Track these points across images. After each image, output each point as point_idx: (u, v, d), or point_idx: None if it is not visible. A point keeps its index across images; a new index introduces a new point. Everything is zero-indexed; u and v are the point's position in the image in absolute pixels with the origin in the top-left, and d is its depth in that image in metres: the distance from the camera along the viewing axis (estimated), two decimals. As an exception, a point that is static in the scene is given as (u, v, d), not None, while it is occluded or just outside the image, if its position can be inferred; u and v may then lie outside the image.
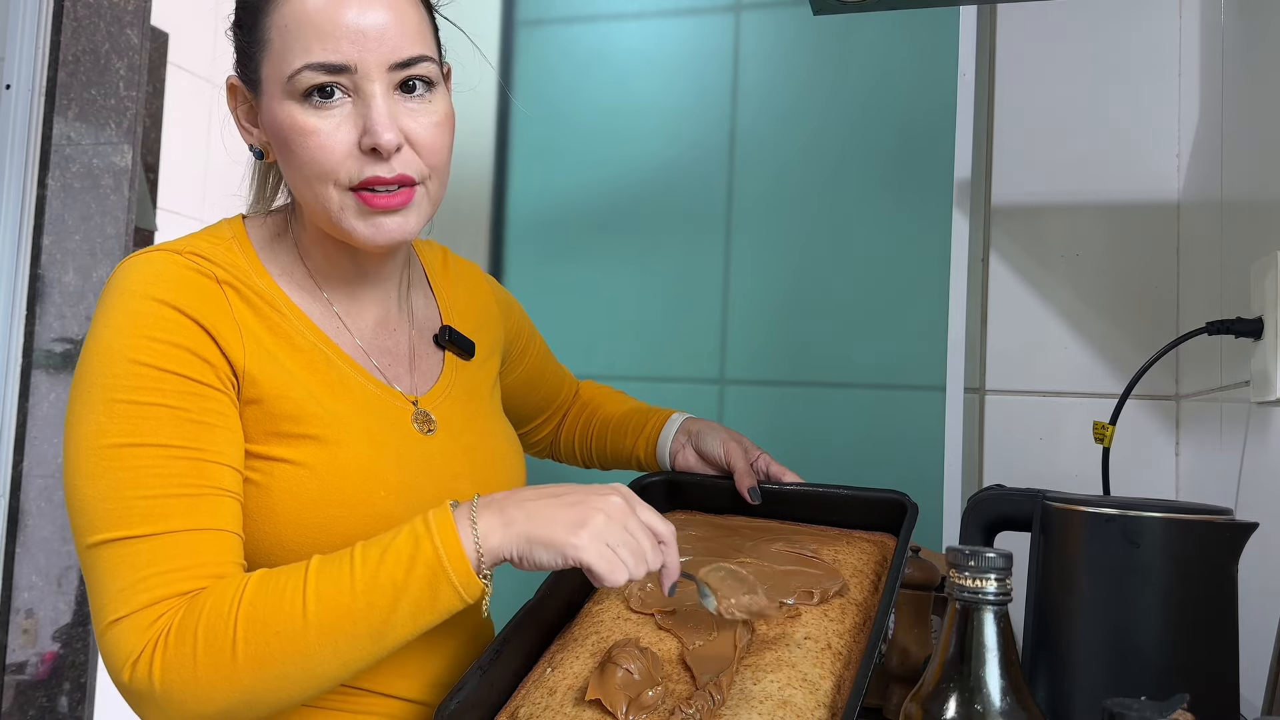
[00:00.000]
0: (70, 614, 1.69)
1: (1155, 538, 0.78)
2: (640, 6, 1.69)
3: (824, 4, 1.11)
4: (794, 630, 0.76)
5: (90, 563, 0.73)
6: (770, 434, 1.58)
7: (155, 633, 0.70)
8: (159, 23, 2.23)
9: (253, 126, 0.85)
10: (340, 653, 0.70)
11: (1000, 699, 0.56)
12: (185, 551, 0.73)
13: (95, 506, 0.73)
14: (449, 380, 0.94)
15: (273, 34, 0.79)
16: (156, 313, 0.76)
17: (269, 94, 0.80)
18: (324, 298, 0.88)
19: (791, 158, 1.61)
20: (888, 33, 1.56)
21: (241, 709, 0.70)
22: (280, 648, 0.69)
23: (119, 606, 0.71)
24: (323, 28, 0.77)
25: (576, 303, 1.67)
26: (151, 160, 2.22)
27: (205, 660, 0.69)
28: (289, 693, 0.70)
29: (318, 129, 0.78)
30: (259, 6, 0.81)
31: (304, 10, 0.77)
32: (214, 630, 0.69)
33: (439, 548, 0.70)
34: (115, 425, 0.73)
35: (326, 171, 0.78)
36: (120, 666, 0.70)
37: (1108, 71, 1.47)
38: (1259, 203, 1.03)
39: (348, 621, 0.69)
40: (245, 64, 0.83)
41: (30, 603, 1.63)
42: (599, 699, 0.69)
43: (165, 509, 0.73)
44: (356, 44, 0.77)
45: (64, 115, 1.67)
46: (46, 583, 1.66)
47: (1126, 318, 1.44)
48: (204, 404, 0.76)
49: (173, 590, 0.72)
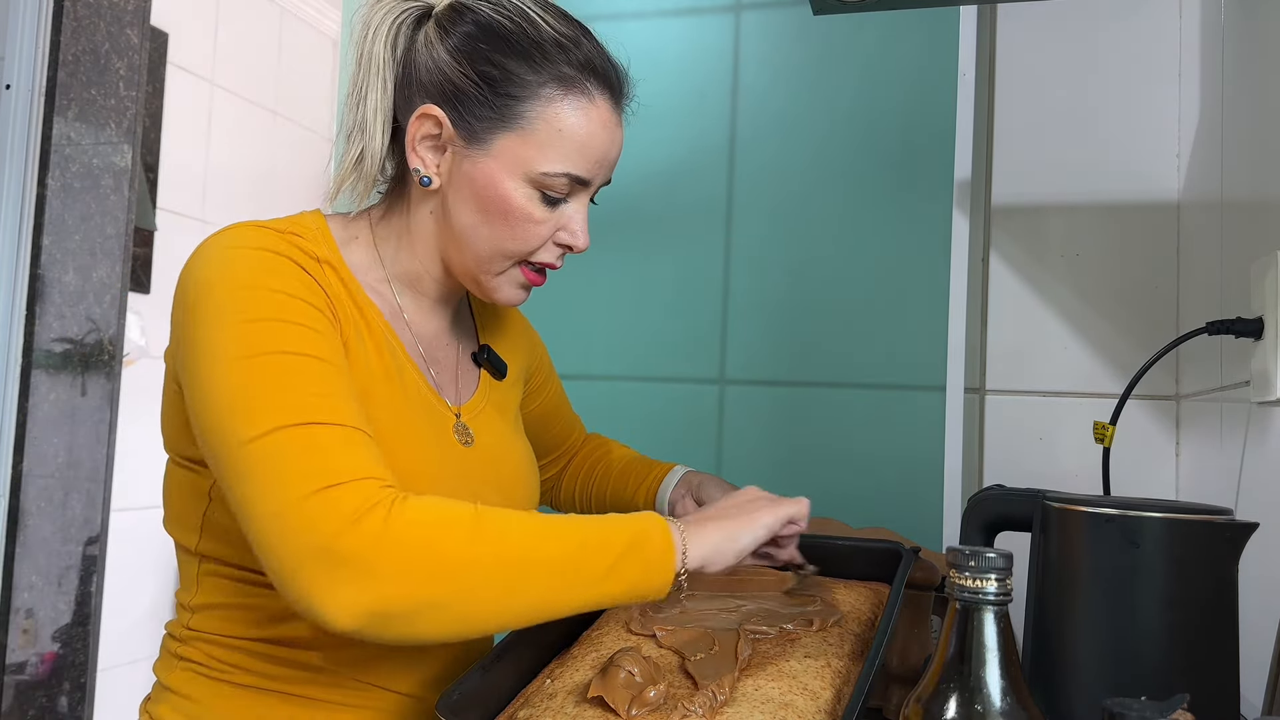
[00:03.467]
0: (70, 614, 1.69)
1: (1155, 538, 0.78)
2: (640, 6, 1.69)
3: (824, 4, 1.11)
4: (794, 650, 0.77)
5: (262, 451, 0.69)
6: (770, 434, 1.58)
7: (389, 497, 0.69)
8: (159, 23, 2.23)
9: (434, 159, 0.86)
10: (560, 584, 0.71)
11: (1000, 699, 0.56)
12: (368, 445, 0.72)
13: (258, 403, 0.70)
14: (484, 396, 0.97)
15: (539, 123, 0.83)
16: (276, 261, 0.78)
17: (500, 162, 0.83)
18: (396, 301, 0.91)
19: (791, 157, 1.61)
20: (888, 33, 1.56)
21: (432, 610, 0.68)
22: (517, 557, 0.70)
23: (329, 474, 0.68)
24: (591, 149, 0.85)
25: (576, 303, 1.67)
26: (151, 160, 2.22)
27: (440, 542, 0.68)
28: (487, 613, 0.70)
29: (542, 221, 0.85)
30: (528, 85, 0.82)
31: (583, 124, 0.84)
32: (455, 517, 0.70)
33: (653, 531, 0.76)
34: (260, 339, 0.73)
35: (524, 252, 0.86)
36: (338, 526, 0.66)
37: (1108, 71, 1.47)
38: (1259, 203, 1.03)
39: (576, 558, 0.72)
40: (473, 115, 0.83)
41: (30, 603, 1.63)
42: (601, 696, 0.69)
43: (334, 407, 0.72)
44: (602, 170, 0.87)
45: (64, 115, 1.67)
46: (46, 583, 1.66)
47: (1126, 318, 1.44)
48: (335, 336, 0.78)
49: (383, 474, 0.71)
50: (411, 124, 0.85)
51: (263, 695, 0.83)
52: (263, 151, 2.57)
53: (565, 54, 0.83)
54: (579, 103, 0.83)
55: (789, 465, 1.56)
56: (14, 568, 1.61)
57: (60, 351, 1.67)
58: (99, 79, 1.73)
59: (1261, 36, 1.05)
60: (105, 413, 1.74)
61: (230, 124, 2.47)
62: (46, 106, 1.66)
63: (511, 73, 0.82)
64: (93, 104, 1.72)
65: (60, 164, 1.67)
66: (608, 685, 0.69)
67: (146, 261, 2.22)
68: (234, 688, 0.83)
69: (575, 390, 1.27)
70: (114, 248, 1.76)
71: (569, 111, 0.83)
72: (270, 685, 0.83)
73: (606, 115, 0.86)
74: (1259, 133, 1.04)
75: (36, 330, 1.64)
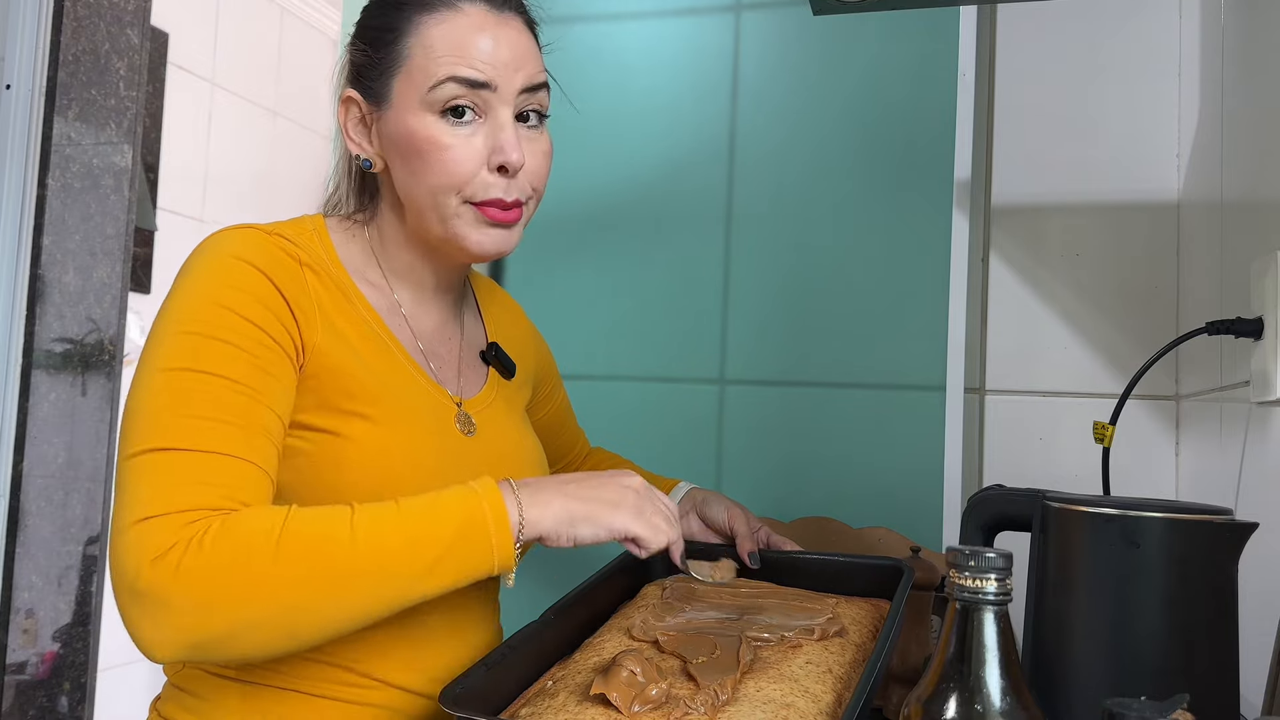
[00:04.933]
0: (70, 614, 1.70)
1: (1155, 538, 0.78)
2: (640, 6, 1.69)
3: (824, 4, 1.11)
4: (795, 657, 0.78)
5: (127, 471, 0.73)
6: (770, 434, 1.58)
7: (189, 534, 0.70)
8: (159, 23, 2.23)
9: (364, 139, 0.90)
10: (376, 589, 0.72)
11: (1000, 699, 0.56)
12: (226, 472, 0.74)
13: (145, 421, 0.74)
14: (491, 392, 0.99)
15: (416, 50, 0.85)
16: (243, 270, 0.81)
17: (400, 106, 0.86)
18: (393, 297, 0.93)
19: (791, 158, 1.61)
20: (888, 33, 1.56)
21: (250, 630, 0.70)
22: (323, 571, 0.70)
23: (150, 506, 0.71)
24: (467, 48, 0.85)
25: (576, 303, 1.67)
26: (151, 160, 2.22)
27: (240, 569, 0.69)
28: (309, 625, 0.71)
29: (452, 144, 0.85)
30: (399, 26, 0.87)
31: (450, 30, 0.85)
32: (255, 542, 0.70)
33: (486, 512, 0.75)
34: (183, 353, 0.76)
35: (455, 183, 0.85)
36: (139, 563, 0.69)
37: (1108, 71, 1.47)
38: (1259, 203, 1.03)
39: (392, 561, 0.72)
40: (371, 78, 0.89)
41: (30, 603, 1.63)
42: (603, 693, 0.69)
43: (213, 431, 0.74)
44: (495, 66, 0.85)
45: (64, 115, 1.67)
46: (46, 583, 1.66)
47: (1126, 318, 1.44)
48: (269, 355, 0.79)
49: (209, 503, 0.72)
50: (339, 116, 0.91)
51: (269, 692, 0.84)
52: (263, 151, 2.57)
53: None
54: (443, 15, 0.86)
55: (789, 465, 1.56)
56: (14, 568, 1.61)
57: (60, 351, 1.67)
58: (99, 79, 1.73)
59: (1262, 36, 1.05)
60: (105, 413, 1.74)
61: (230, 124, 2.47)
62: (47, 106, 1.66)
63: (385, 23, 0.88)
64: (93, 104, 1.72)
65: (60, 164, 1.67)
66: (610, 683, 0.69)
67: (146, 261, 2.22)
68: (241, 685, 0.84)
69: (575, 390, 1.27)
70: (114, 248, 1.76)
71: (435, 26, 0.86)
72: (276, 682, 0.84)
73: (481, 18, 0.86)
74: (1259, 133, 1.04)
75: (37, 330, 1.64)
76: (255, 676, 0.84)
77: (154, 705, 0.90)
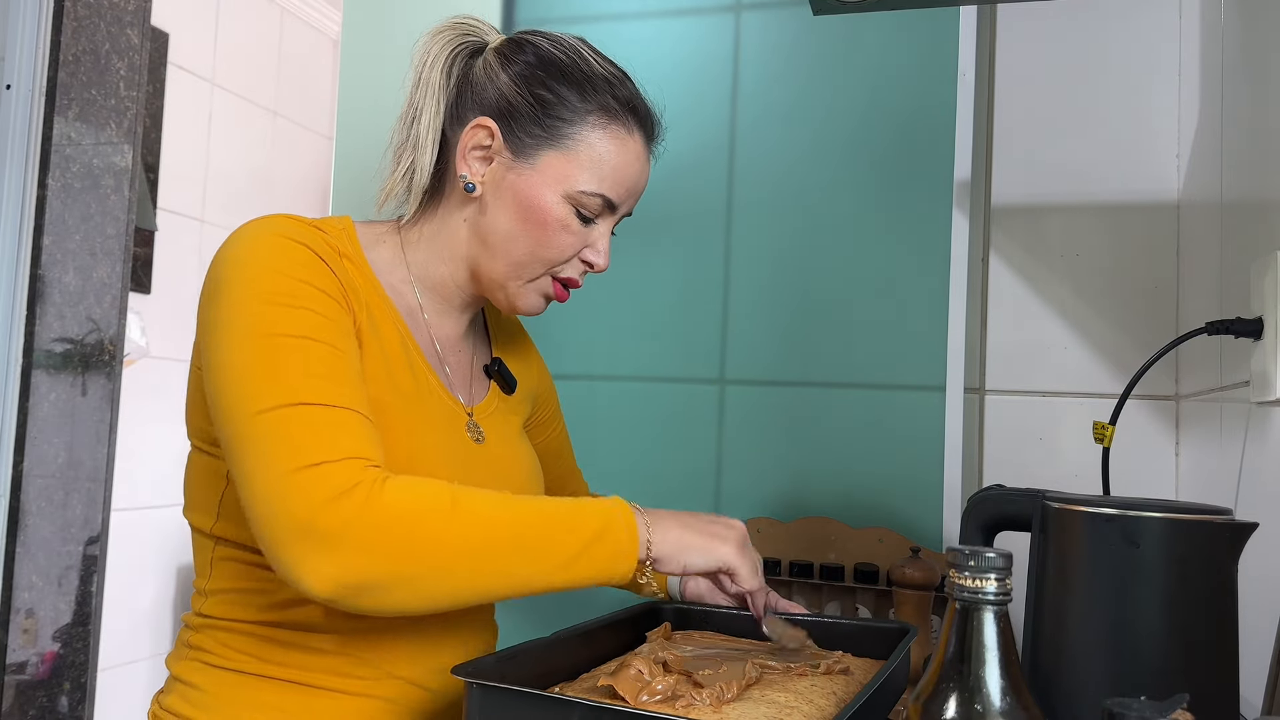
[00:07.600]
0: (70, 614, 1.69)
1: (1155, 538, 0.78)
2: (640, 6, 1.69)
3: (824, 4, 1.11)
4: (799, 681, 0.79)
5: (263, 424, 0.74)
6: (770, 434, 1.58)
7: (371, 476, 0.73)
8: (159, 23, 2.23)
9: (480, 167, 0.93)
10: (521, 570, 0.76)
11: (1000, 699, 0.56)
12: (365, 426, 0.77)
13: (264, 380, 0.75)
14: (492, 403, 1.02)
15: (581, 147, 0.91)
16: (299, 250, 0.83)
17: (543, 176, 0.91)
18: (417, 302, 0.96)
19: (791, 158, 1.61)
20: (888, 33, 1.56)
21: (403, 584, 0.72)
22: (486, 543, 0.74)
23: (316, 453, 0.72)
24: (624, 179, 0.93)
25: (576, 303, 1.67)
26: (151, 160, 2.22)
27: (415, 523, 0.72)
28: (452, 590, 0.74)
29: (573, 236, 0.92)
30: (576, 110, 0.91)
31: (619, 153, 0.92)
32: (433, 503, 0.74)
33: (621, 524, 0.81)
34: (280, 320, 0.78)
35: (553, 262, 0.93)
36: (315, 502, 0.71)
37: (1108, 72, 1.47)
38: (1259, 203, 1.03)
39: (543, 546, 0.77)
40: (524, 131, 0.91)
41: (30, 603, 1.63)
42: (611, 685, 0.71)
43: (338, 390, 0.76)
44: (632, 196, 0.95)
45: (64, 115, 1.67)
46: (46, 583, 1.66)
47: (1126, 318, 1.44)
48: (348, 324, 0.83)
49: (369, 454, 0.75)
50: (465, 135, 0.92)
51: (269, 683, 0.84)
52: (262, 151, 2.57)
53: (611, 89, 0.92)
54: (619, 133, 0.92)
55: (788, 465, 1.56)
56: (14, 568, 1.61)
57: (60, 351, 1.67)
58: (99, 79, 1.73)
59: (1262, 37, 1.05)
60: (105, 413, 1.74)
61: (230, 124, 2.47)
62: (47, 106, 1.66)
63: (563, 98, 0.91)
64: (93, 104, 1.72)
65: (60, 164, 1.67)
66: (619, 679, 0.72)
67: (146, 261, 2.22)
68: (240, 676, 0.85)
69: (576, 390, 1.27)
70: (114, 248, 1.76)
71: (609, 140, 0.91)
72: (277, 673, 0.84)
73: (640, 149, 0.94)
74: (1259, 133, 1.04)
75: (37, 330, 1.64)
76: (257, 667, 0.85)
77: (156, 699, 0.90)
